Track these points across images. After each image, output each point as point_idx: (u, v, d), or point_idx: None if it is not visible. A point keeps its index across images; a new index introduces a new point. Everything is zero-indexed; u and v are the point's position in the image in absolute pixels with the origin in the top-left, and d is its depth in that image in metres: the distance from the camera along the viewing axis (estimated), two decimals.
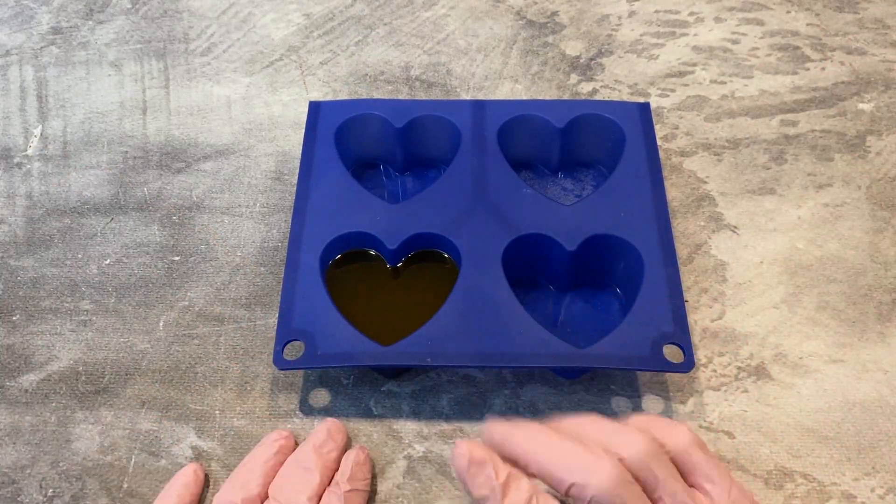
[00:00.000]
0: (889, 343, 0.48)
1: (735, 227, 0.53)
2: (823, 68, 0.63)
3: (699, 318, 0.49)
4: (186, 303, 0.50)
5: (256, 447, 0.42)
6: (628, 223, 0.48)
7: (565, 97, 0.61)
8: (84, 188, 0.57)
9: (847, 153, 0.57)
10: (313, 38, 0.67)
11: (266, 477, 0.40)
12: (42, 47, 0.67)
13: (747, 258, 0.52)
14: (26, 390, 0.47)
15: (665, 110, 0.60)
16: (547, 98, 0.61)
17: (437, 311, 0.44)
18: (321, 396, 0.46)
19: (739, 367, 0.47)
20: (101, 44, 0.67)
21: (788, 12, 0.68)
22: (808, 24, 0.67)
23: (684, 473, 0.34)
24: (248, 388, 0.47)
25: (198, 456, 0.44)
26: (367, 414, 0.45)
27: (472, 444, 0.33)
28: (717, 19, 0.67)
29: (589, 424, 0.35)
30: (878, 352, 0.47)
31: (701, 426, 0.45)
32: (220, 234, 0.54)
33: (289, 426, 0.45)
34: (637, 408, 0.45)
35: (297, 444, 0.43)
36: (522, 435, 0.34)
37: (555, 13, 0.68)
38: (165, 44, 0.67)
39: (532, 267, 0.49)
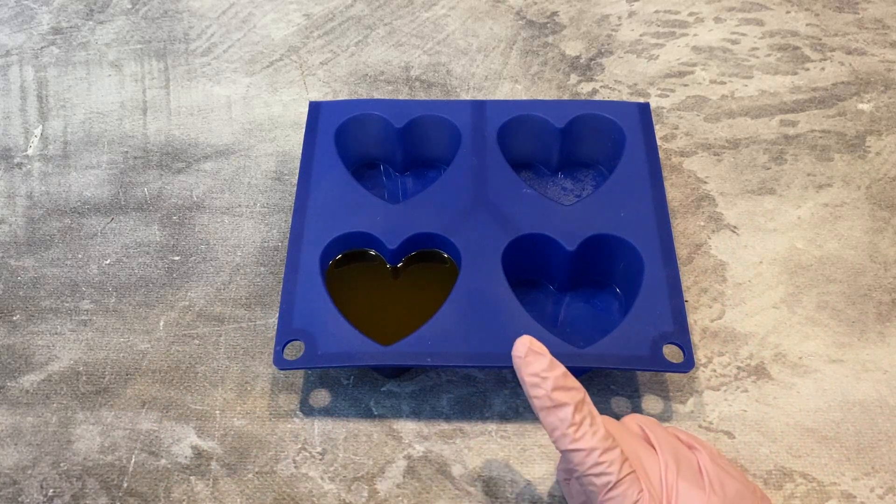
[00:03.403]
0: (888, 343, 0.48)
1: (735, 227, 0.53)
2: (823, 68, 0.63)
3: (699, 318, 0.49)
4: (186, 303, 0.50)
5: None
6: (628, 223, 0.48)
7: (565, 97, 0.61)
8: (84, 188, 0.57)
9: (847, 153, 0.57)
10: (313, 39, 0.67)
11: None
12: (42, 47, 0.67)
13: (747, 258, 0.52)
14: (27, 391, 0.47)
15: (665, 110, 0.60)
16: (547, 98, 0.61)
17: (437, 311, 0.44)
18: (321, 396, 0.46)
19: (739, 367, 0.47)
20: (102, 44, 0.67)
21: (788, 12, 0.68)
22: (807, 24, 0.67)
23: None
24: (248, 388, 0.47)
25: (198, 455, 0.44)
26: (367, 414, 0.46)
27: (533, 339, 0.33)
28: (717, 19, 0.67)
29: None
30: (878, 352, 0.47)
31: (700, 426, 0.45)
32: (220, 234, 0.54)
33: (289, 426, 0.45)
34: (637, 408, 0.45)
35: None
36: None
37: (555, 13, 0.68)
38: (166, 44, 0.67)
39: (532, 267, 0.49)
